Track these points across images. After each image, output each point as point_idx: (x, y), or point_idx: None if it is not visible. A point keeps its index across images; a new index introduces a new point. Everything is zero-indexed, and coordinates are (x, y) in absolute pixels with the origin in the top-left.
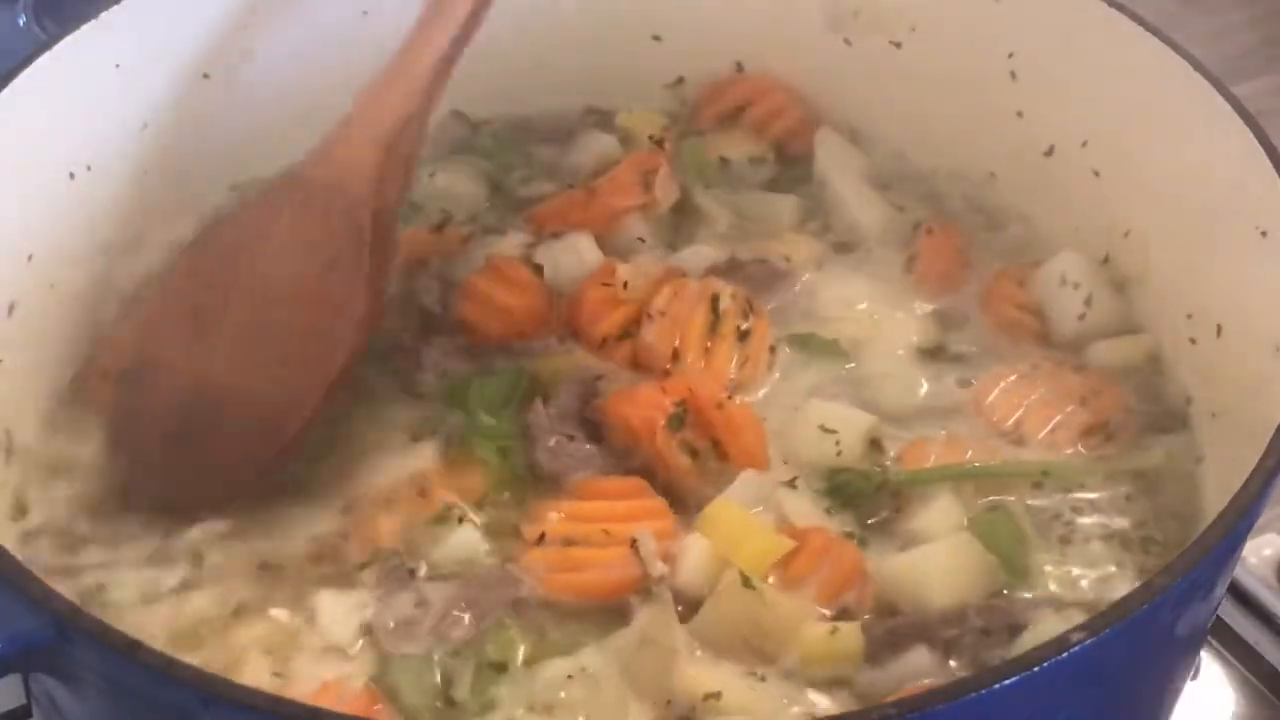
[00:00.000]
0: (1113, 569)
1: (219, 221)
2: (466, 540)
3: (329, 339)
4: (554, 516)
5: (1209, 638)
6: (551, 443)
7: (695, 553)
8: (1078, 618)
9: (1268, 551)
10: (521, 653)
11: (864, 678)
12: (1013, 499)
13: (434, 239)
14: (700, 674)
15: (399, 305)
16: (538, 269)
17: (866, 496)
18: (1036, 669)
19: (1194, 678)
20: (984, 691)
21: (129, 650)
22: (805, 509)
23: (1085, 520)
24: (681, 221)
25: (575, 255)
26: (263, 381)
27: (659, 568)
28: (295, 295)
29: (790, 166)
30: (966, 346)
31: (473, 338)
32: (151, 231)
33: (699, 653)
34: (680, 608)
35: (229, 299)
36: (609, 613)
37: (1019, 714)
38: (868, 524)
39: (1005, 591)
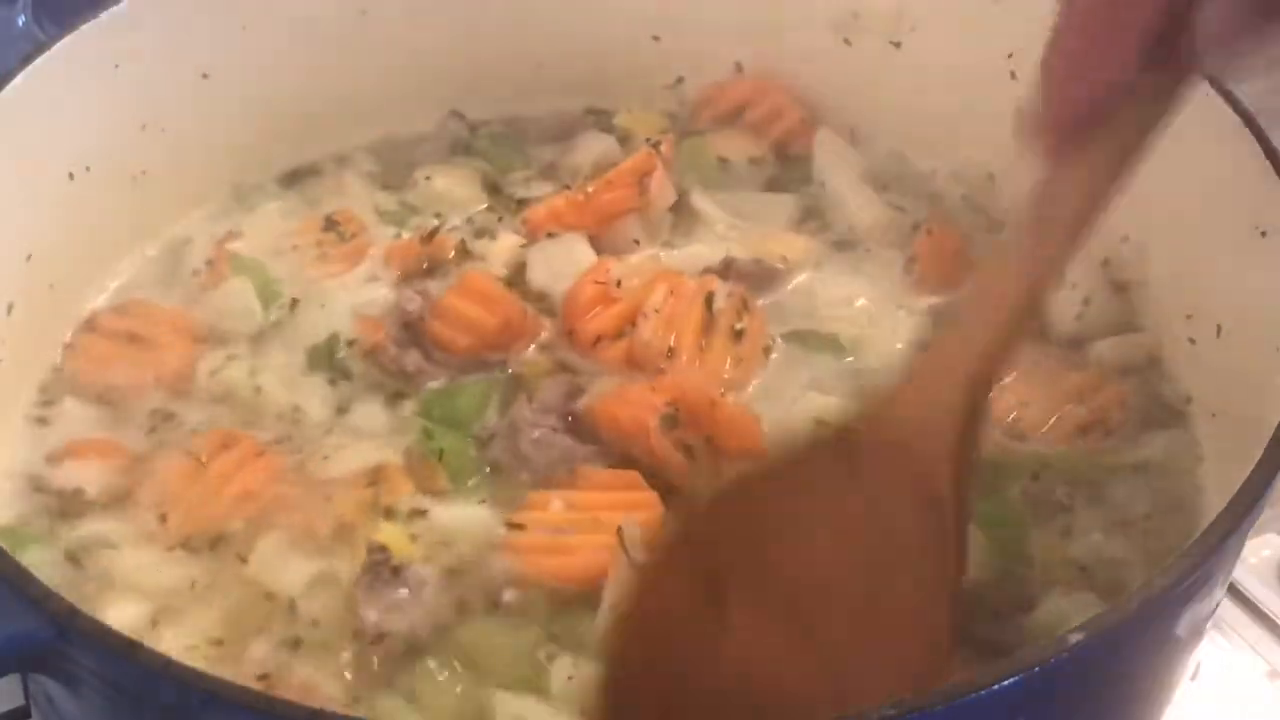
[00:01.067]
0: (1116, 556)
1: (737, 485)
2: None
3: (895, 636)
4: (558, 504)
5: (1209, 637)
6: (536, 435)
7: None
8: (1085, 599)
9: (1267, 552)
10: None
11: None
12: (1011, 491)
13: (424, 250)
14: None
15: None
16: (510, 282)
17: None
18: (1036, 669)
19: (1194, 678)
20: (984, 691)
21: (128, 651)
22: None
23: (1085, 511)
24: (679, 223)
25: (569, 257)
26: (790, 672)
27: (640, 557)
28: (840, 579)
29: (790, 167)
30: None
31: (448, 351)
32: (151, 231)
33: None
34: None
35: (752, 571)
36: (579, 604)
37: (1019, 714)
38: None
39: (1013, 576)
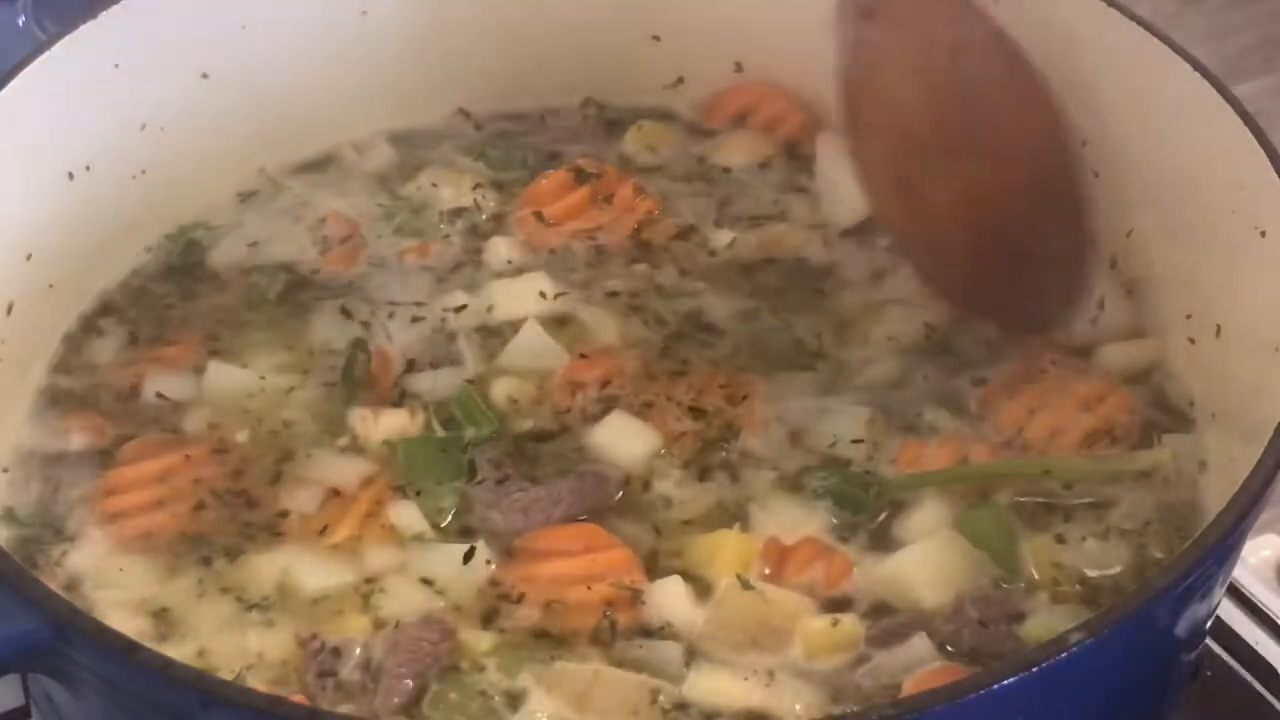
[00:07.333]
0: (1113, 567)
1: None
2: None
3: None
4: (528, 599)
5: (1209, 638)
6: (494, 493)
7: (672, 594)
8: (1075, 609)
9: (1267, 552)
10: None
11: (866, 669)
12: (1000, 495)
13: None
14: (704, 685)
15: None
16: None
17: (860, 499)
18: (1036, 669)
19: (1194, 678)
20: (983, 691)
21: (128, 651)
22: (793, 511)
23: (1081, 517)
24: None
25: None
26: None
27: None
28: None
29: (799, 168)
30: (971, 347)
31: None
32: (151, 231)
33: (705, 657)
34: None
35: None
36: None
37: (1018, 714)
38: (860, 527)
39: (1001, 585)
